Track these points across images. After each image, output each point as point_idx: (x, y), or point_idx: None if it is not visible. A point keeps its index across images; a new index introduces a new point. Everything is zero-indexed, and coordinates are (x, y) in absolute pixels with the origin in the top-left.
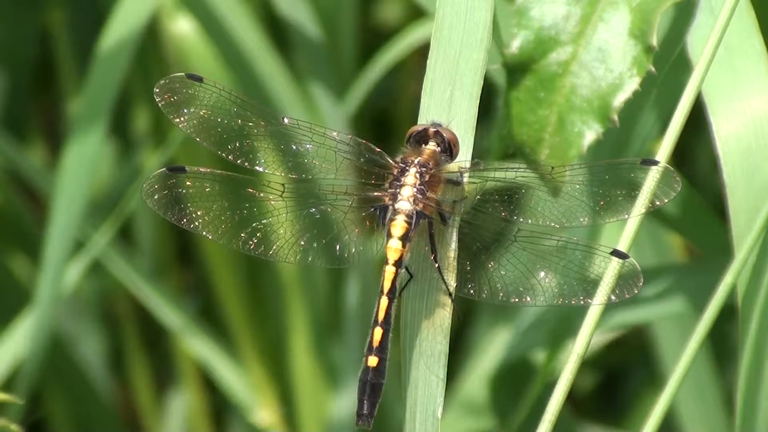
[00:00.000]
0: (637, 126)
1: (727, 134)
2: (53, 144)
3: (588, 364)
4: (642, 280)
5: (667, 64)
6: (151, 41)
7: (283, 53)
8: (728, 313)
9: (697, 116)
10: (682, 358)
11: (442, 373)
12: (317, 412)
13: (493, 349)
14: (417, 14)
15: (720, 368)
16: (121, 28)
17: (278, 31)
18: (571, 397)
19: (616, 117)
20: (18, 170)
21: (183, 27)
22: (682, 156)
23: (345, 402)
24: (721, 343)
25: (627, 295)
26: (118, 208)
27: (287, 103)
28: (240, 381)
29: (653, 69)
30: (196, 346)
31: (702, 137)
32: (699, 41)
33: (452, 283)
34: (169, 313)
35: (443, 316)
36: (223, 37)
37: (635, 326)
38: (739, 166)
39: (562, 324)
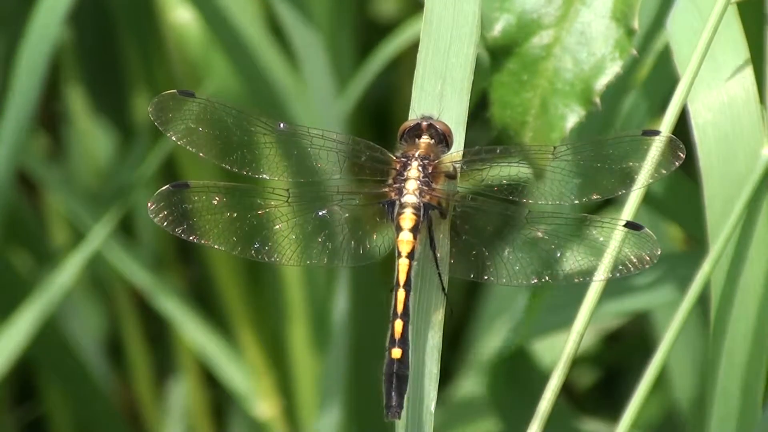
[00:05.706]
0: (620, 109)
1: (704, 122)
2: (53, 137)
3: (588, 360)
4: (659, 248)
5: (651, 47)
6: (151, 30)
7: (281, 48)
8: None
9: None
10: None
11: (435, 368)
12: (317, 404)
13: (492, 344)
14: (415, 8)
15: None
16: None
17: (276, 25)
18: (571, 393)
19: (598, 100)
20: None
21: (183, 16)
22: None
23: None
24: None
25: (646, 266)
26: (120, 199)
27: (286, 93)
28: (240, 373)
29: (635, 52)
30: (197, 338)
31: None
32: (679, 25)
33: (446, 277)
34: (169, 305)
35: (436, 311)
36: (222, 26)
37: (634, 314)
38: (715, 153)
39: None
